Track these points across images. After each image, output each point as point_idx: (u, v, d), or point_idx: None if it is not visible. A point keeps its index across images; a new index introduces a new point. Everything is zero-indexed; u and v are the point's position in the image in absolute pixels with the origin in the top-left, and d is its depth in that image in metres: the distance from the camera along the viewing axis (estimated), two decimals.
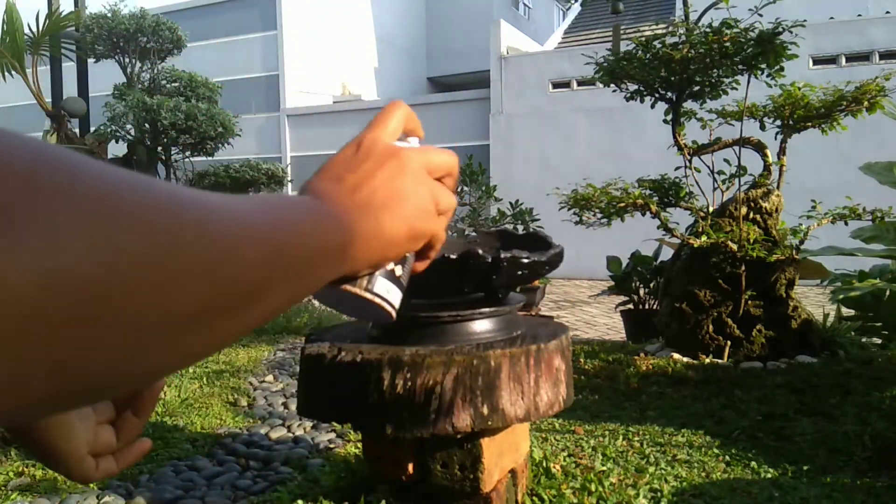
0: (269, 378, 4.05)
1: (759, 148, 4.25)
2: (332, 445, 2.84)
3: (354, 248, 0.36)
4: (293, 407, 3.43)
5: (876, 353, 3.95)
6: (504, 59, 13.70)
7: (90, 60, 7.89)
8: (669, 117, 4.37)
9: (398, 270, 0.43)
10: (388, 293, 0.42)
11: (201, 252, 0.25)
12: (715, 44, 3.87)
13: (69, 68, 8.18)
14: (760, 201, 4.14)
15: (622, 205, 4.19)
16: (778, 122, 4.27)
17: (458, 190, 6.04)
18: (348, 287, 0.41)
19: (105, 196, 0.22)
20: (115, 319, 0.22)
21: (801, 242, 4.04)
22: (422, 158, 0.43)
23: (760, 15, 3.87)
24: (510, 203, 7.27)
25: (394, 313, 0.43)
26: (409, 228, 0.40)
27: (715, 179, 4.38)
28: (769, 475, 2.41)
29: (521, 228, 6.82)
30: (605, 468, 2.32)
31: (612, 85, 4.52)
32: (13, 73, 7.18)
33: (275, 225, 0.31)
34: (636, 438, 2.80)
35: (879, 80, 3.99)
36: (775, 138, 4.29)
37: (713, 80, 4.20)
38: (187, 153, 7.46)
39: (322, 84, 17.48)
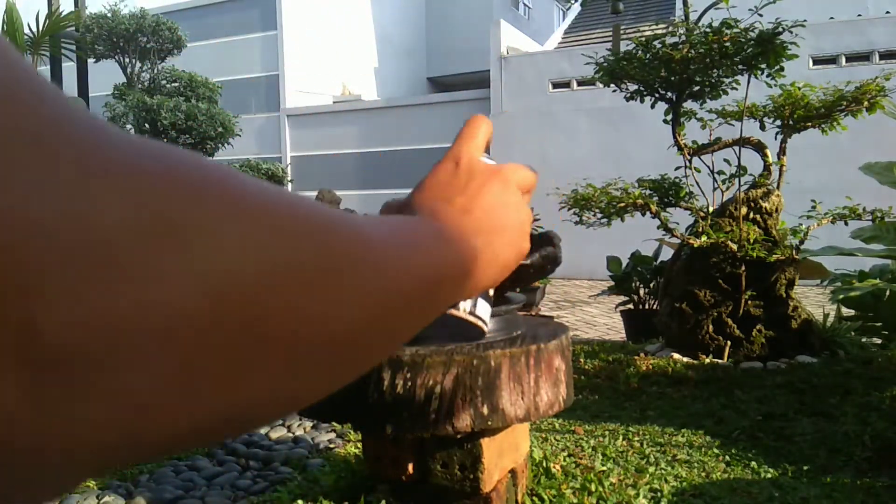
0: None
1: (759, 148, 4.25)
2: (332, 445, 2.84)
3: (476, 274, 0.36)
4: None
5: (876, 353, 3.95)
6: (504, 59, 13.70)
7: (90, 60, 7.89)
8: (669, 117, 4.37)
9: (490, 289, 0.43)
10: (485, 313, 0.42)
11: (357, 273, 0.25)
12: (715, 44, 3.87)
13: (69, 68, 8.18)
14: (760, 201, 4.14)
15: (622, 205, 4.19)
16: (778, 122, 4.27)
17: None
18: (454, 312, 0.40)
19: (272, 212, 0.22)
20: (278, 338, 0.21)
21: (801, 242, 4.04)
22: (516, 176, 0.42)
23: (760, 15, 3.87)
24: None
25: (486, 330, 0.43)
26: (517, 251, 0.40)
27: (715, 179, 4.38)
28: (769, 475, 2.41)
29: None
30: (605, 468, 2.32)
31: (612, 85, 4.52)
32: None
33: (411, 249, 0.30)
34: (636, 438, 2.80)
35: (879, 80, 3.99)
36: (775, 138, 4.29)
37: (713, 80, 4.20)
38: None
39: (322, 84, 17.48)
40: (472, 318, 0.41)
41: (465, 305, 0.41)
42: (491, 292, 0.43)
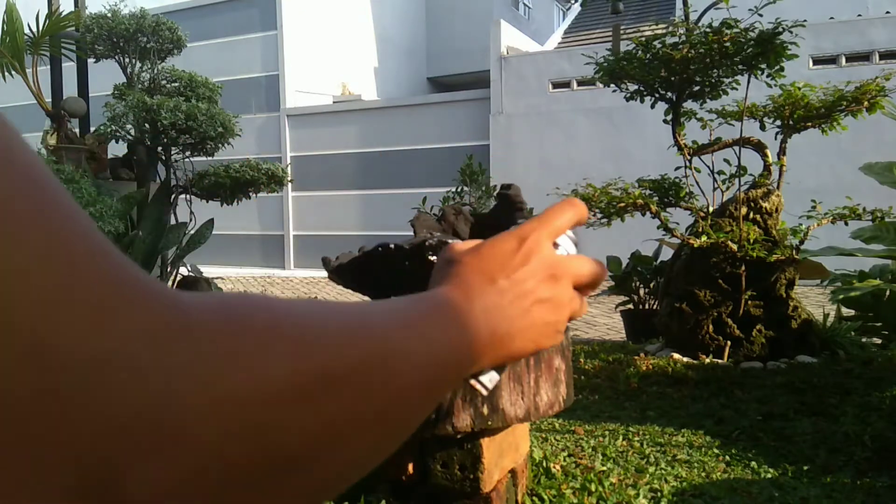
0: None
1: (759, 148, 4.25)
2: None
3: (486, 357, 0.37)
4: None
5: (876, 353, 3.95)
6: (504, 59, 13.69)
7: (90, 60, 7.88)
8: (669, 117, 4.37)
9: None
10: (490, 382, 0.43)
11: (381, 400, 0.27)
12: (715, 44, 3.87)
13: (69, 68, 8.17)
14: (760, 201, 4.14)
15: (622, 205, 4.19)
16: (778, 122, 4.27)
17: (458, 190, 6.03)
18: None
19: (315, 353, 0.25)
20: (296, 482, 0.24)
21: (801, 242, 4.04)
22: (574, 272, 0.41)
23: (760, 15, 3.87)
24: None
25: (485, 394, 0.45)
26: (534, 347, 0.40)
27: (715, 179, 4.38)
28: (769, 475, 2.41)
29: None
30: (605, 468, 2.32)
31: (612, 85, 4.52)
32: (13, 73, 7.18)
33: (433, 357, 0.31)
34: (636, 438, 2.80)
35: (879, 80, 3.99)
36: (775, 138, 4.28)
37: (713, 80, 4.20)
38: (187, 153, 7.45)
39: (322, 84, 17.47)
40: (472, 381, 0.42)
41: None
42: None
